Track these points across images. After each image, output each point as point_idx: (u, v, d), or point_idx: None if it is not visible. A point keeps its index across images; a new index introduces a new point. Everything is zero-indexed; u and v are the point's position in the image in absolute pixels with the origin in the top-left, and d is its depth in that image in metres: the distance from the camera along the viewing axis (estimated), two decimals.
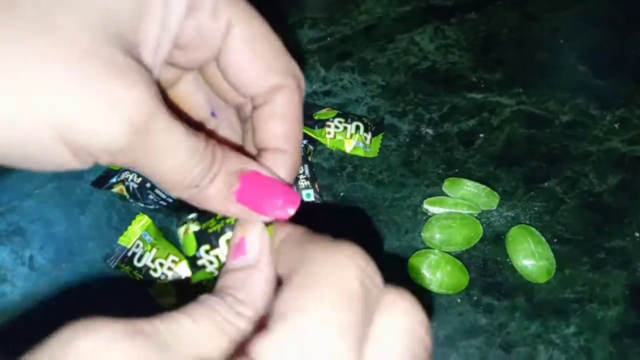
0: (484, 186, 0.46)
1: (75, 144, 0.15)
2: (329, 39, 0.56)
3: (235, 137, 0.23)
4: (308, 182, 0.46)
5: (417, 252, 0.44)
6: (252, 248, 0.18)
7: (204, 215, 0.21)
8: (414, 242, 0.46)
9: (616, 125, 0.51)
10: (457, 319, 0.43)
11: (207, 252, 0.21)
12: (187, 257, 0.21)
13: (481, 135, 0.50)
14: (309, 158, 0.48)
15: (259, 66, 0.20)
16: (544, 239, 0.44)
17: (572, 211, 0.47)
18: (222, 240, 0.20)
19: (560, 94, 0.52)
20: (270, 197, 0.19)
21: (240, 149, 0.22)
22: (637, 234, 0.46)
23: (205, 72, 0.21)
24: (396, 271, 0.44)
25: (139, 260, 0.42)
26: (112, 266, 0.43)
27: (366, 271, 0.15)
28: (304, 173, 0.46)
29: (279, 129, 0.20)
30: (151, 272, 0.41)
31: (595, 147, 0.50)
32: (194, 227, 0.21)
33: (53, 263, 0.45)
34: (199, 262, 0.21)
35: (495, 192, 0.46)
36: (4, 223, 0.46)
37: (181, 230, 0.21)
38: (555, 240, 0.45)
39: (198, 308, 0.16)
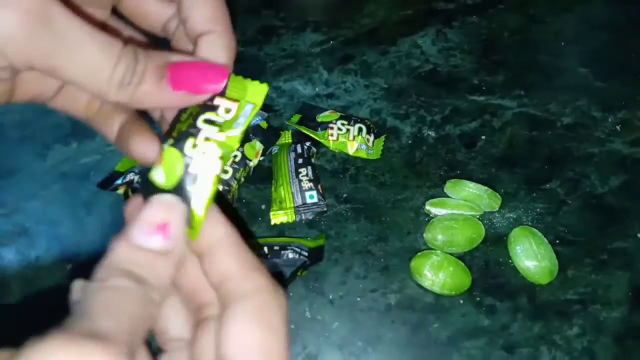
0: (486, 187, 0.47)
1: None
2: (331, 42, 0.56)
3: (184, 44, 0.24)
4: (311, 184, 0.46)
5: (419, 253, 0.44)
6: (176, 237, 0.18)
7: (166, 134, 0.21)
8: (416, 244, 0.46)
9: (618, 127, 0.51)
10: (459, 320, 0.43)
11: (194, 147, 0.20)
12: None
13: (483, 137, 0.51)
14: (312, 160, 0.48)
15: None
16: (546, 240, 0.44)
17: (574, 212, 0.47)
18: (199, 122, 0.20)
19: (562, 96, 0.52)
20: (200, 75, 0.20)
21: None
22: (639, 235, 0.46)
23: None
24: (399, 272, 0.45)
25: None
26: None
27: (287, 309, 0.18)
28: (307, 175, 0.46)
29: (202, 13, 0.22)
30: None
31: (597, 149, 0.50)
32: (168, 144, 0.20)
33: (58, 264, 0.45)
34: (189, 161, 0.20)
35: (497, 194, 0.47)
36: (9, 224, 0.47)
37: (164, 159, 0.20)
38: (557, 241, 0.46)
39: (122, 297, 0.16)
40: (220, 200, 0.41)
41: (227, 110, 0.21)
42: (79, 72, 0.18)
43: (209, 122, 0.20)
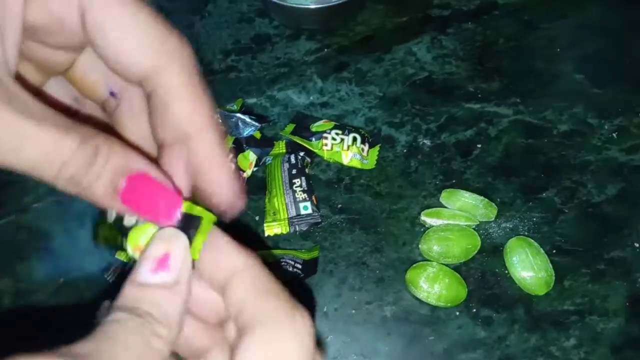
0: (482, 197, 0.46)
1: None
2: (326, 50, 0.56)
3: (139, 119, 0.21)
4: (305, 195, 0.46)
5: (415, 265, 0.44)
6: (176, 267, 0.18)
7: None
8: (411, 255, 0.45)
9: (614, 135, 0.50)
10: (455, 332, 0.43)
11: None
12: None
13: (479, 145, 0.50)
14: (306, 170, 0.48)
15: (126, 49, 0.18)
16: (542, 250, 0.44)
17: (571, 222, 0.47)
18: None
19: (558, 103, 0.52)
20: (154, 201, 0.18)
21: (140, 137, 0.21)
22: (636, 245, 0.45)
23: (96, 51, 0.20)
24: (394, 284, 0.44)
25: None
26: (110, 280, 0.43)
27: (313, 338, 0.18)
28: (301, 185, 0.46)
29: (175, 116, 0.19)
30: None
31: (594, 157, 0.49)
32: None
33: (51, 277, 0.45)
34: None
35: (493, 203, 0.46)
36: (2, 236, 0.46)
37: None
38: (554, 251, 0.45)
39: (115, 329, 0.16)
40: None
41: None
42: (27, 166, 0.17)
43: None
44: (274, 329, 0.17)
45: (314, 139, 0.49)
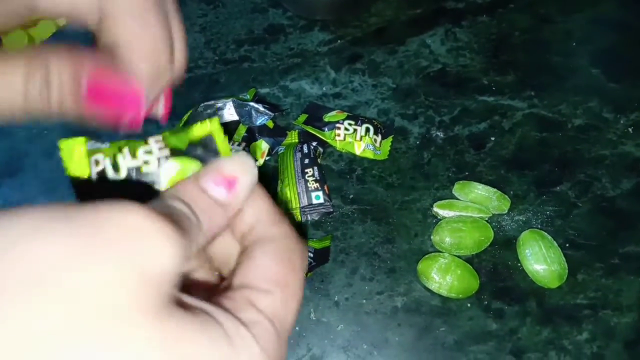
0: (495, 189, 0.46)
1: None
2: (339, 41, 0.56)
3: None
4: (317, 185, 0.46)
5: (426, 256, 0.44)
6: (240, 193, 0.18)
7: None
8: (423, 246, 0.45)
9: (630, 129, 0.50)
10: (467, 324, 0.42)
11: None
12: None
13: (492, 138, 0.50)
14: (319, 160, 0.48)
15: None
16: (555, 244, 0.44)
17: (585, 216, 0.46)
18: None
19: (573, 97, 0.52)
20: (119, 94, 0.19)
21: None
22: None
23: None
24: (405, 275, 0.44)
25: None
26: None
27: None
28: (313, 175, 0.46)
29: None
30: None
31: (609, 151, 0.49)
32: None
33: None
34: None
35: (506, 196, 0.46)
36: None
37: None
38: (567, 245, 0.45)
39: (166, 205, 0.17)
40: None
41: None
42: None
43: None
44: (287, 244, 0.19)
45: (326, 129, 0.48)
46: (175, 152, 0.20)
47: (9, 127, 0.52)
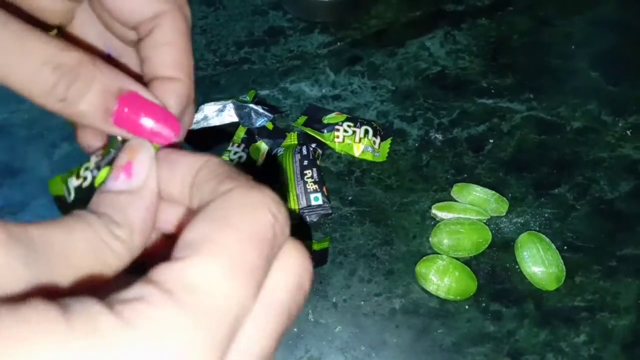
0: (493, 192, 0.46)
1: None
2: (339, 43, 0.56)
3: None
4: (316, 186, 0.46)
5: (425, 258, 0.44)
6: (139, 173, 0.18)
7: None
8: (422, 248, 0.45)
9: (629, 132, 0.50)
10: (464, 326, 0.42)
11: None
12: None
13: (491, 140, 0.50)
14: (318, 162, 0.48)
15: None
16: (553, 246, 0.44)
17: (583, 218, 0.46)
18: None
19: (571, 100, 0.52)
20: (151, 121, 0.19)
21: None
22: None
23: (93, 7, 0.21)
24: (403, 276, 0.44)
25: None
26: None
27: (278, 218, 0.15)
28: (312, 176, 0.46)
29: (166, 56, 0.20)
30: None
31: (607, 154, 0.49)
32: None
33: None
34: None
35: (505, 198, 0.46)
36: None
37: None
38: (565, 247, 0.45)
39: (72, 221, 0.15)
40: None
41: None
42: (19, 81, 0.17)
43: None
44: (226, 204, 0.15)
45: (325, 131, 0.49)
46: (110, 163, 0.20)
47: (9, 127, 0.52)
